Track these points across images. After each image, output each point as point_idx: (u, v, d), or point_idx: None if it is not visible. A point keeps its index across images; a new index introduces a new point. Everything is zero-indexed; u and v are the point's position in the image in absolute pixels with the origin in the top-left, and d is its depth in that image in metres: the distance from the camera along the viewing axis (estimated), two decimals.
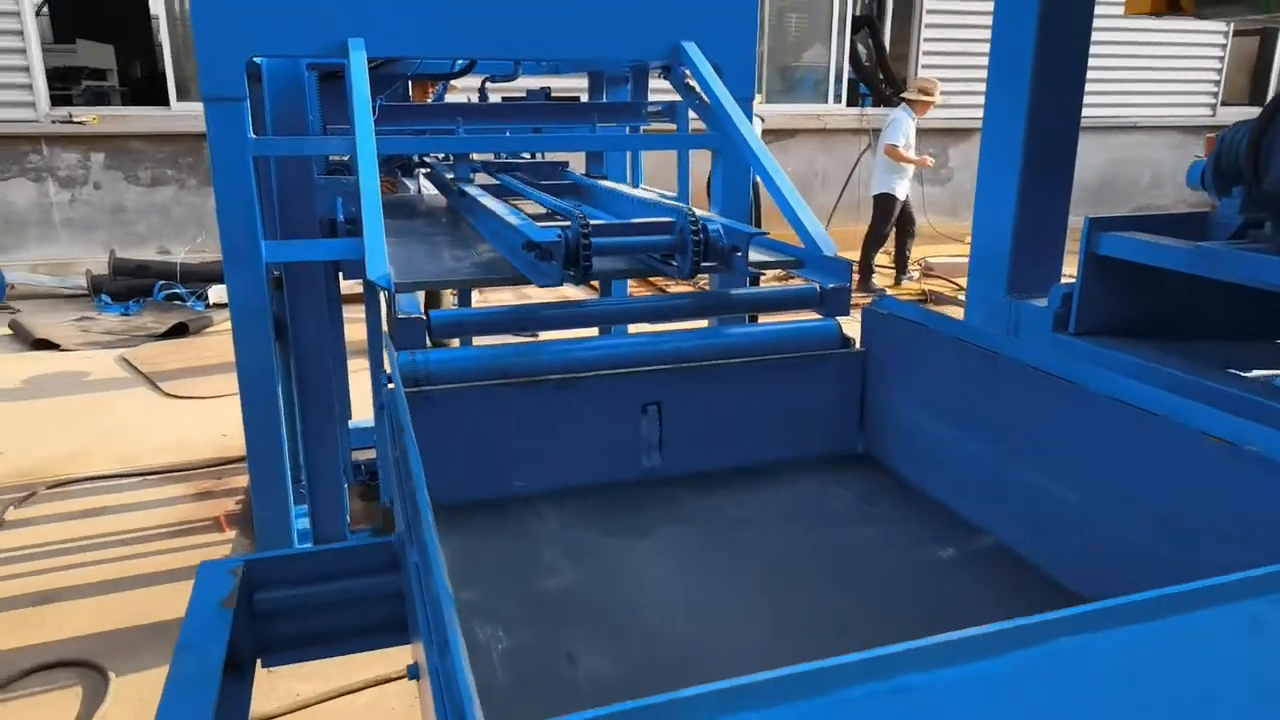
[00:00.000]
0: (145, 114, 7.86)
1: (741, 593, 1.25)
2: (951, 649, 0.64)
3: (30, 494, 3.57)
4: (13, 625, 2.71)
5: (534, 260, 1.63)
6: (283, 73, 2.64)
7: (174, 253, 7.64)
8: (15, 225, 7.36)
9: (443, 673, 0.71)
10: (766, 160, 2.19)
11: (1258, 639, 0.69)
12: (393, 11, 2.43)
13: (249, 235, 2.45)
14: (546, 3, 2.52)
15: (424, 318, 1.59)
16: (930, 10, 9.39)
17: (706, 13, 2.66)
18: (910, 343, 1.65)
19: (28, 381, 5.07)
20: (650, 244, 1.72)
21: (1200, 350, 1.73)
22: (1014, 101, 2.00)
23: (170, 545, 3.20)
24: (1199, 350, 1.72)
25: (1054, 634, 0.67)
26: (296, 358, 2.89)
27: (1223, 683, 0.67)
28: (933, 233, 9.70)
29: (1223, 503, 1.06)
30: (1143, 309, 1.92)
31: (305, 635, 1.52)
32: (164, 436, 4.20)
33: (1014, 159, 1.98)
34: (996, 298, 2.08)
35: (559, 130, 3.01)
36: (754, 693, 0.61)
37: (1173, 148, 10.81)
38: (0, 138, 7.20)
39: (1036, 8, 1.97)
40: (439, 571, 0.75)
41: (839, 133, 9.44)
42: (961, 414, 1.49)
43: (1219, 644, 0.69)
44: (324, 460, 2.97)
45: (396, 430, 1.30)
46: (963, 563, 1.34)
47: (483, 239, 2.12)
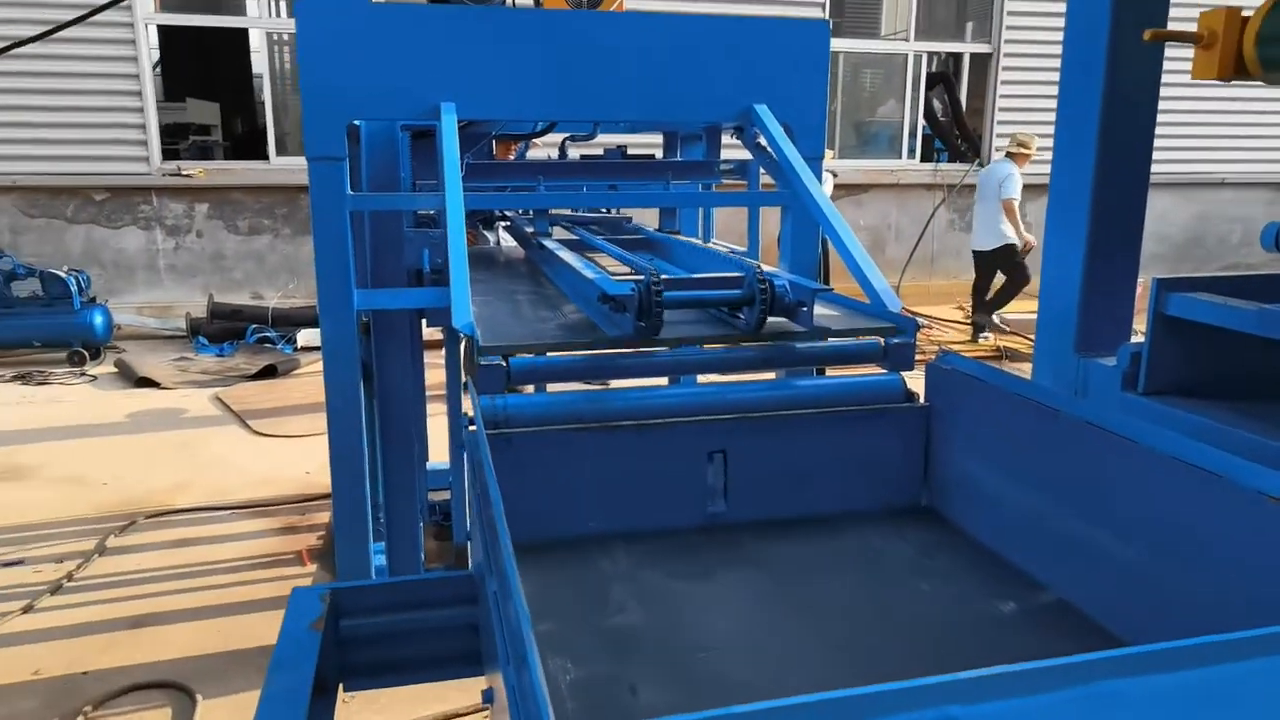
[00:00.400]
0: (246, 167, 8.35)
1: (800, 637, 1.29)
2: (996, 683, 0.69)
3: (130, 523, 3.79)
4: (110, 645, 2.88)
5: (608, 311, 1.72)
6: (379, 133, 2.83)
7: (266, 298, 8.04)
8: (125, 270, 7.86)
9: (520, 687, 0.78)
10: (834, 218, 2.26)
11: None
12: (482, 78, 2.60)
13: (343, 283, 2.62)
14: (627, 69, 2.66)
15: (504, 364, 1.69)
16: (1006, 67, 9.38)
17: (778, 77, 2.76)
18: (973, 398, 1.67)
19: (131, 416, 5.38)
20: (719, 298, 1.79)
21: (1270, 412, 1.71)
22: (1081, 159, 2.03)
23: (256, 577, 3.36)
24: (1269, 412, 1.71)
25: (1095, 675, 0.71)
26: (380, 400, 3.03)
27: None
28: None
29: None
30: (1213, 370, 1.91)
31: (385, 662, 1.61)
32: (253, 472, 4.41)
33: (1081, 217, 2.01)
34: (1064, 356, 2.09)
35: (635, 187, 3.13)
36: (804, 713, 0.66)
37: (1266, 204, 10.47)
38: (117, 189, 7.74)
39: (1104, 65, 2.01)
40: (517, 593, 0.82)
41: (913, 188, 9.44)
42: (1024, 470, 1.51)
43: (1257, 693, 0.72)
44: (402, 499, 3.09)
45: (477, 469, 1.40)
46: (1022, 617, 1.36)
47: (565, 298, 2.21)
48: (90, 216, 7.78)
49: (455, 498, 3.33)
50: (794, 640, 1.29)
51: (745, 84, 2.75)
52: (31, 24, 6.90)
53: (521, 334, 1.81)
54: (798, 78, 2.77)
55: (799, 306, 1.77)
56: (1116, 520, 1.33)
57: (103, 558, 3.50)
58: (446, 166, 2.27)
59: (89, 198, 7.75)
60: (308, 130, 2.51)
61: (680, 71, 2.70)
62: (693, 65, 2.71)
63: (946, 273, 9.70)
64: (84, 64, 7.37)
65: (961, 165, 9.63)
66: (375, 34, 2.50)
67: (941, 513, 1.71)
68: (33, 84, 7.26)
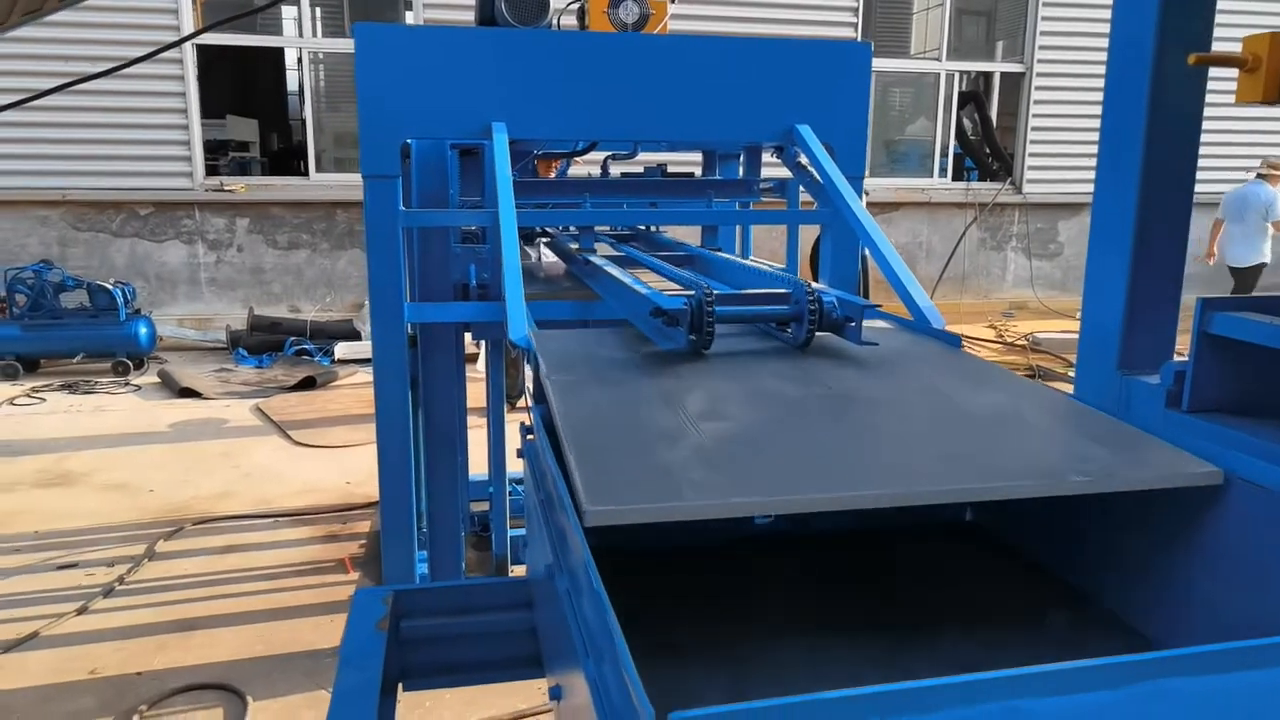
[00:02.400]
0: (286, 183, 8.53)
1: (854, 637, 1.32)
2: (1060, 678, 0.73)
3: (178, 529, 3.89)
4: (161, 647, 2.95)
5: (661, 325, 1.77)
6: (429, 151, 2.91)
7: (303, 311, 8.18)
8: (168, 283, 8.04)
9: (609, 669, 0.82)
10: (877, 236, 2.30)
11: None
12: (532, 98, 2.67)
13: (395, 297, 2.70)
14: (672, 90, 2.72)
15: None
16: (1039, 86, 9.38)
17: (820, 98, 2.82)
18: None
19: (174, 426, 5.50)
20: (768, 314, 1.84)
21: None
22: (1125, 178, 2.06)
23: (300, 583, 3.43)
24: None
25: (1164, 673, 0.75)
26: (425, 411, 3.10)
27: None
28: (1041, 308, 9.52)
29: None
30: (1257, 389, 1.93)
31: (443, 663, 1.66)
32: (294, 482, 4.49)
33: (1125, 235, 2.03)
34: (1106, 374, 2.11)
35: (677, 205, 3.19)
36: (881, 702, 0.70)
37: None
38: (162, 204, 7.93)
39: (1147, 88, 2.04)
40: (600, 590, 0.87)
41: (944, 206, 9.44)
42: None
43: None
44: (445, 509, 3.15)
45: (540, 477, 1.45)
46: (1070, 626, 1.39)
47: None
48: (135, 230, 7.98)
49: (495, 509, 3.39)
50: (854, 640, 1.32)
51: (787, 104, 2.81)
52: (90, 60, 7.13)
53: (640, 474, 1.11)
54: (840, 98, 2.82)
55: (847, 322, 1.81)
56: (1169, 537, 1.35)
57: (152, 562, 3.59)
58: (499, 184, 2.34)
59: (134, 212, 7.95)
60: (364, 148, 2.60)
61: (724, 92, 2.76)
62: (736, 86, 2.77)
63: (978, 291, 9.68)
64: (131, 82, 7.56)
65: (993, 184, 9.62)
66: (429, 56, 2.58)
67: (987, 529, 1.74)
68: (81, 101, 7.45)
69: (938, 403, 1.43)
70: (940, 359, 1.70)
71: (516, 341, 1.86)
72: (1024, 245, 9.72)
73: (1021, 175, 9.56)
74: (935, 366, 1.64)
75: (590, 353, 1.70)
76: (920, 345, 1.80)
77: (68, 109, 7.46)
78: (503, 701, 2.64)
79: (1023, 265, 9.77)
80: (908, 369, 1.63)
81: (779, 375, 1.55)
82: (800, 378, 1.53)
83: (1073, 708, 0.72)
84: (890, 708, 0.69)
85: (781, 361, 1.66)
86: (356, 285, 8.34)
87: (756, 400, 1.39)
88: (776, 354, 1.74)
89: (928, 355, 1.73)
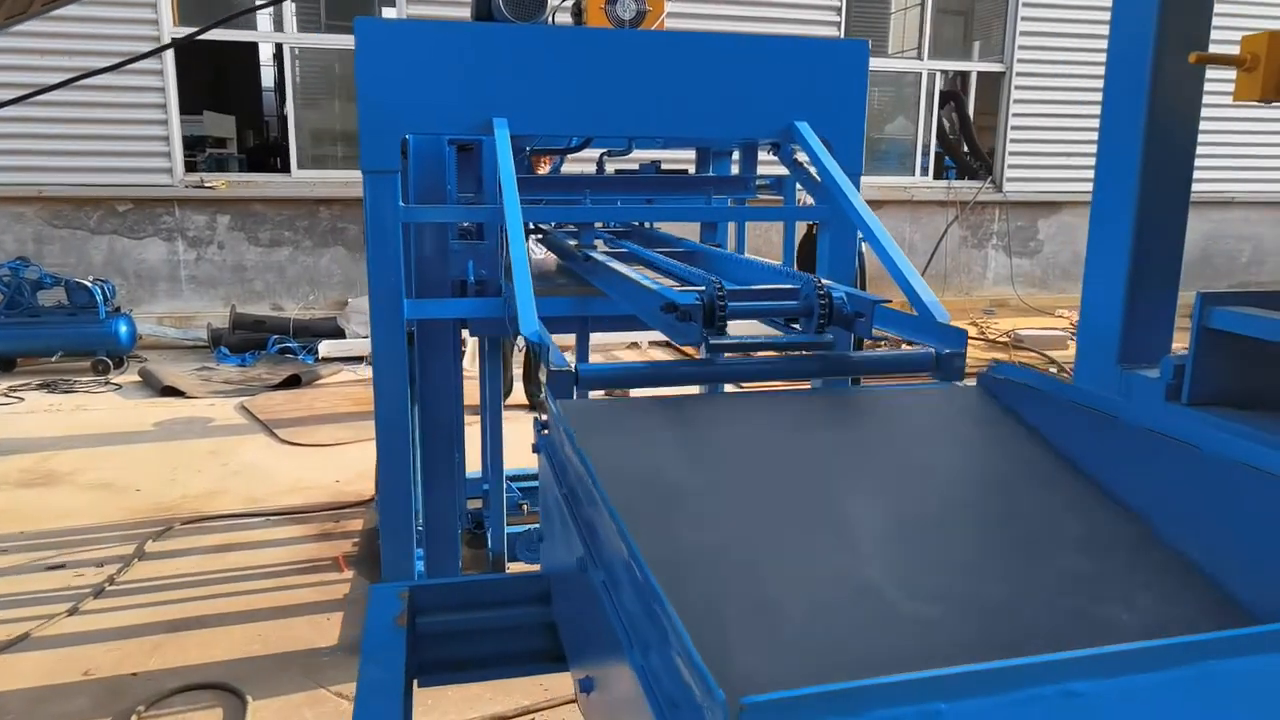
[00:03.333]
0: (268, 180, 8.45)
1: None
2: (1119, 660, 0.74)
3: (167, 528, 3.84)
4: (156, 648, 2.92)
5: (673, 321, 1.78)
6: (427, 146, 2.90)
7: (285, 309, 8.11)
8: (147, 281, 7.94)
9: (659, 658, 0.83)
10: (880, 232, 2.32)
11: None
12: (532, 94, 2.67)
13: (395, 293, 2.69)
14: (672, 86, 2.73)
15: (573, 371, 1.75)
16: (1019, 86, 9.48)
17: (818, 95, 2.84)
18: (1025, 406, 1.73)
19: (158, 425, 5.44)
20: (778, 309, 1.85)
21: None
22: (1124, 176, 2.09)
23: (294, 582, 3.40)
24: None
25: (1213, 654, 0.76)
26: (422, 407, 3.09)
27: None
28: (1021, 305, 9.63)
29: None
30: (1255, 382, 1.97)
31: (459, 659, 1.66)
32: (283, 480, 4.46)
33: (1124, 232, 2.07)
34: (1106, 368, 2.15)
35: (675, 201, 3.20)
36: (944, 686, 0.71)
37: (1274, 224, 10.55)
38: (141, 201, 7.83)
39: (1147, 87, 2.08)
40: (651, 577, 0.87)
41: (926, 204, 9.52)
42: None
43: None
44: (442, 506, 3.14)
45: (561, 470, 1.45)
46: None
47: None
48: (113, 227, 7.87)
49: (493, 506, 3.38)
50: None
51: (786, 101, 2.83)
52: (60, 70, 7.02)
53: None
54: (837, 96, 2.84)
55: (856, 317, 1.83)
56: (1176, 525, 1.38)
57: (142, 562, 3.55)
58: (504, 181, 2.33)
59: (112, 209, 7.84)
60: (364, 144, 2.58)
61: (724, 89, 2.77)
62: (736, 83, 2.78)
63: (959, 288, 9.77)
64: (109, 77, 7.46)
65: (974, 182, 9.71)
66: (430, 51, 2.57)
67: None
68: (58, 97, 7.34)
69: (1021, 526, 1.32)
70: (1000, 443, 1.59)
71: (527, 335, 1.86)
72: (1004, 243, 9.82)
73: (1001, 174, 9.66)
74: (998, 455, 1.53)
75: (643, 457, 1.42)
76: (967, 418, 1.64)
77: (43, 103, 7.34)
78: (504, 699, 2.63)
79: (1003, 263, 9.87)
80: (962, 455, 1.51)
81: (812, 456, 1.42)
82: (849, 465, 1.40)
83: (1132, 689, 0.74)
84: (961, 688, 0.70)
85: (822, 432, 1.51)
86: (339, 283, 8.28)
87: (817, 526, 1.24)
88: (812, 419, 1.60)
89: (984, 438, 1.58)
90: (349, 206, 8.19)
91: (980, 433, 1.60)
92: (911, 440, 1.54)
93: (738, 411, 1.60)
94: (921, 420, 1.62)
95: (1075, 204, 9.73)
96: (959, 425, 1.63)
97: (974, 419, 1.64)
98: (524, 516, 3.77)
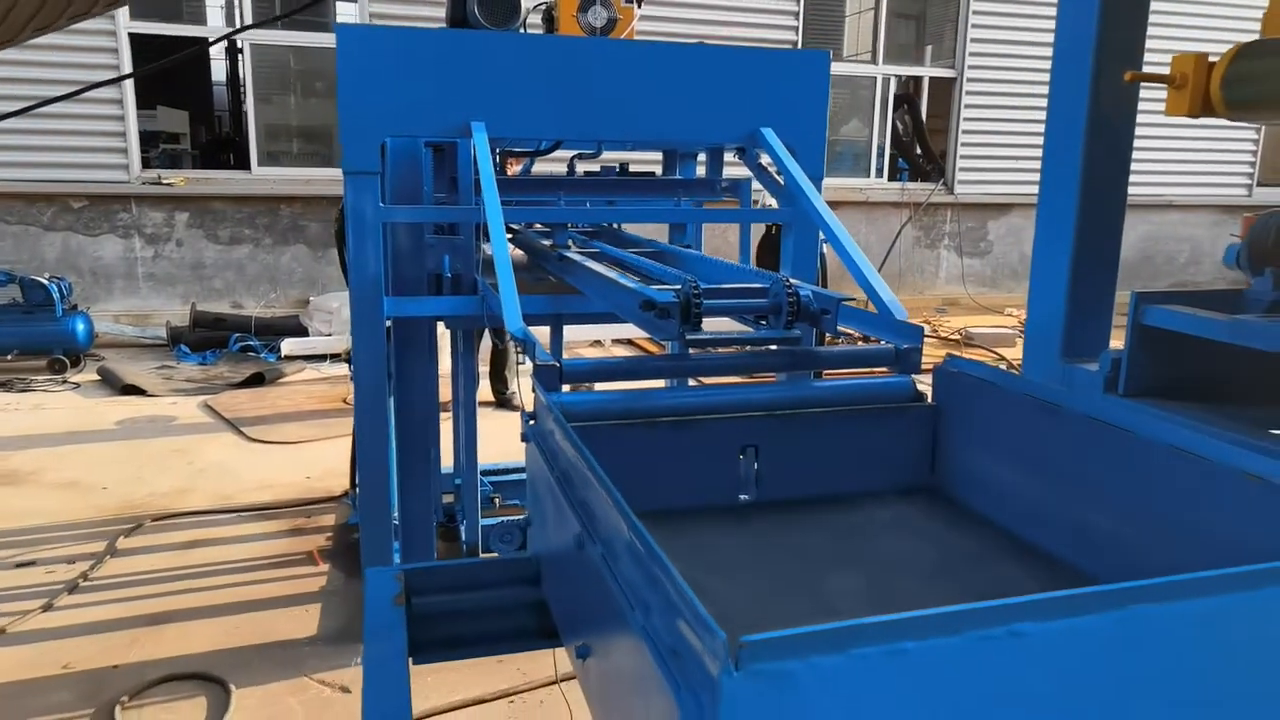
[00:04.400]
0: (229, 177, 8.39)
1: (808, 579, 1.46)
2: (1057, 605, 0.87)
3: (137, 525, 3.86)
4: (134, 641, 2.96)
5: (652, 318, 1.90)
6: (403, 148, 2.97)
7: (245, 307, 8.06)
8: (103, 278, 7.84)
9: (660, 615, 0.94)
10: (841, 233, 2.46)
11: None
12: (509, 98, 2.76)
13: (376, 291, 2.76)
14: (642, 93, 2.84)
15: (558, 365, 1.85)
16: (970, 91, 9.76)
17: (782, 102, 2.97)
18: (977, 397, 1.87)
19: (121, 423, 5.41)
20: (749, 306, 1.98)
21: (1237, 412, 1.94)
22: (1066, 183, 2.25)
23: (269, 576, 3.45)
24: (1236, 412, 1.93)
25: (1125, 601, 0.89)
26: (398, 403, 3.16)
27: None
28: (972, 304, 9.92)
29: (1266, 534, 1.27)
30: (1185, 375, 2.14)
31: (453, 637, 1.75)
32: (251, 478, 4.48)
33: (1067, 235, 2.23)
34: (1050, 362, 2.30)
35: (642, 203, 3.31)
36: (910, 627, 0.83)
37: (1210, 226, 10.99)
38: (96, 197, 7.72)
39: (1086, 102, 2.24)
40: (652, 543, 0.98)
41: (880, 206, 9.76)
42: (1025, 458, 1.70)
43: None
44: (418, 499, 3.22)
45: (553, 456, 1.56)
46: (1017, 562, 1.55)
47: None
48: (67, 224, 7.75)
49: (467, 499, 3.46)
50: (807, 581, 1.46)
51: (751, 108, 2.96)
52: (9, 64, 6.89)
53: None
54: (801, 103, 2.98)
55: (822, 314, 1.96)
56: (1114, 502, 1.52)
57: (114, 559, 3.56)
58: (484, 182, 2.42)
59: (66, 205, 7.72)
60: (346, 146, 2.65)
61: (693, 96, 2.89)
62: (705, 90, 2.90)
63: (913, 288, 10.03)
64: (64, 71, 7.37)
65: (927, 184, 9.98)
66: (410, 56, 2.65)
67: (945, 492, 1.90)
68: (10, 90, 7.23)
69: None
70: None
71: (514, 332, 1.96)
72: (955, 244, 10.11)
73: (953, 176, 9.94)
74: None
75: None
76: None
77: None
78: (484, 683, 2.72)
79: (954, 263, 10.16)
80: None
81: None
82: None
83: (1067, 630, 0.86)
84: (924, 630, 0.82)
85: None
86: (301, 281, 8.25)
87: None
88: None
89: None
90: (310, 204, 8.16)
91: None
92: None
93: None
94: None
95: (1023, 206, 10.05)
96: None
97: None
98: (495, 509, 3.85)
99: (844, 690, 0.82)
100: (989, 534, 1.69)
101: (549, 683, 2.73)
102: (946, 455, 1.93)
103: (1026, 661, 0.87)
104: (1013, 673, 0.87)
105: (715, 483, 1.83)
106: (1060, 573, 1.53)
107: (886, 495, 1.90)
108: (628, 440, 1.77)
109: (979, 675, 0.86)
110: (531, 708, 2.65)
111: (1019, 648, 0.87)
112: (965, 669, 0.86)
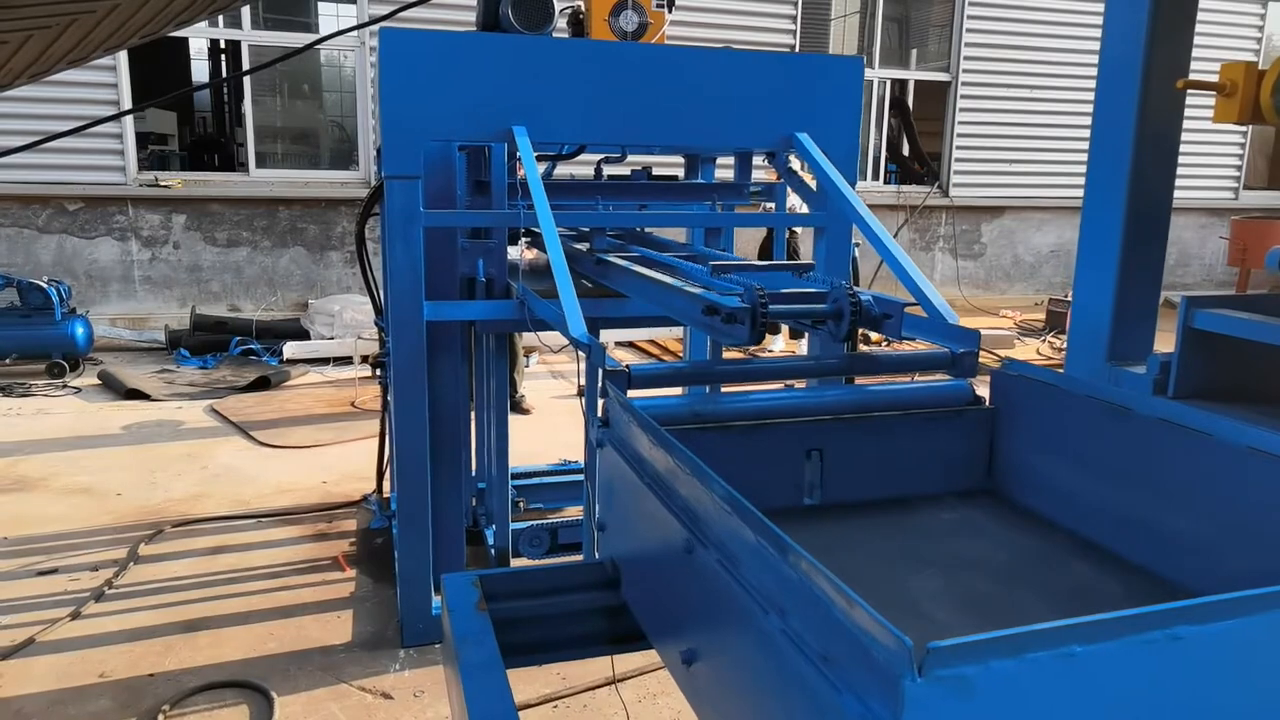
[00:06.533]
0: (226, 179, 8.31)
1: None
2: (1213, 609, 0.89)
3: (158, 531, 3.82)
4: (168, 649, 2.93)
5: (718, 323, 1.91)
6: (438, 152, 2.97)
7: (243, 310, 8.00)
8: (99, 281, 7.75)
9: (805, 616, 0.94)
10: (886, 238, 2.48)
11: None
12: (548, 103, 2.76)
13: (415, 295, 2.75)
14: (681, 98, 2.85)
15: (626, 370, 1.86)
16: (965, 95, 9.84)
17: (816, 107, 2.99)
18: (1036, 399, 1.89)
19: (127, 428, 5.35)
20: (815, 311, 1.99)
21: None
22: (1113, 190, 2.29)
23: (297, 582, 3.43)
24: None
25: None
26: (432, 406, 3.15)
27: None
28: (967, 305, 10.00)
29: None
30: (1233, 378, 2.18)
31: (527, 643, 1.75)
32: (267, 483, 4.45)
33: (1114, 241, 2.26)
34: (1096, 364, 2.34)
35: (674, 207, 3.32)
36: (1080, 632, 0.85)
37: (1198, 229, 11.15)
38: (92, 199, 7.64)
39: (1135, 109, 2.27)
40: (793, 545, 0.99)
41: (877, 208, 9.78)
42: (1088, 461, 1.72)
43: None
44: (450, 502, 3.21)
45: (637, 461, 1.56)
46: (1087, 563, 1.57)
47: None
48: (63, 226, 7.66)
49: (497, 504, 3.45)
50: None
51: (785, 113, 2.97)
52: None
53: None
54: (834, 108, 3.00)
55: (884, 318, 1.98)
56: (1190, 505, 1.54)
57: (138, 565, 3.53)
58: (533, 187, 2.43)
59: (62, 207, 7.63)
60: (387, 151, 2.65)
61: (729, 100, 2.91)
62: (740, 95, 2.92)
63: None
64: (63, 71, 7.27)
65: (923, 188, 10.05)
66: (452, 61, 2.64)
67: (1003, 494, 1.92)
68: (10, 91, 7.13)
69: None
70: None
71: (578, 337, 1.97)
72: (950, 246, 10.19)
73: (948, 180, 10.02)
74: None
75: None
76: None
77: None
78: (526, 689, 2.72)
79: (949, 265, 10.24)
80: None
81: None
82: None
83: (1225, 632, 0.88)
84: (1091, 634, 0.84)
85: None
86: (299, 284, 8.19)
87: None
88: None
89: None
90: (308, 206, 8.11)
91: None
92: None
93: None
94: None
95: (1016, 209, 10.15)
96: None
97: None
98: (521, 514, 3.85)
99: (1016, 693, 0.84)
100: (1052, 536, 1.72)
101: (588, 688, 2.73)
102: (1004, 458, 1.95)
103: (1185, 663, 0.89)
104: (1172, 674, 0.89)
105: (780, 486, 1.84)
106: (1134, 575, 1.56)
107: (944, 498, 1.93)
108: (699, 444, 1.77)
109: (1140, 676, 0.88)
110: (575, 712, 2.65)
111: (1178, 650, 0.88)
112: (1128, 671, 0.88)
